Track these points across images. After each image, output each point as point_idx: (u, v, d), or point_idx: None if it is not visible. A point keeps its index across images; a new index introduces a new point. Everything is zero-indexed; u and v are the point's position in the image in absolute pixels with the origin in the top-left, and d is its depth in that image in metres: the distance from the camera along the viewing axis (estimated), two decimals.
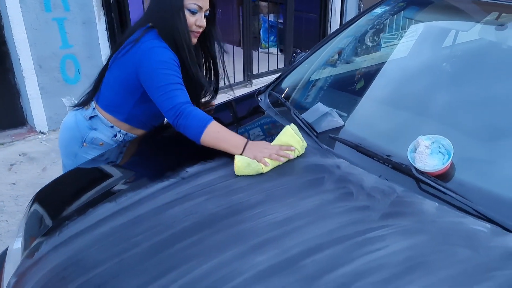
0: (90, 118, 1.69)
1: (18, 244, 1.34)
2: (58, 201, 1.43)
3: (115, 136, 1.71)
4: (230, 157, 1.40)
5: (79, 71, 3.75)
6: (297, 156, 1.41)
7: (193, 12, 1.58)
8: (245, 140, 1.44)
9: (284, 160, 1.39)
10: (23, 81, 3.48)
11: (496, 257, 1.00)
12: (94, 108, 1.70)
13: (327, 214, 1.15)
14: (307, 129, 1.53)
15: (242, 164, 1.35)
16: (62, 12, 3.52)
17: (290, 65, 2.12)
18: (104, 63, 1.73)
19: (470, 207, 1.13)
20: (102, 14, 3.75)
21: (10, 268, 1.30)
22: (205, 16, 1.62)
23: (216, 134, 1.44)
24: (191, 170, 1.39)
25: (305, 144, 1.44)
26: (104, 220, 1.22)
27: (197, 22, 1.59)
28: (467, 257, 1.00)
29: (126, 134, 1.73)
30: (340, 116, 1.58)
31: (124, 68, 1.59)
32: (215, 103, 1.92)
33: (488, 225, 1.08)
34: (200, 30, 1.63)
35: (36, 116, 3.65)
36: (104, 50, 3.82)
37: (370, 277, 0.96)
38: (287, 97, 1.83)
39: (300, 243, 1.06)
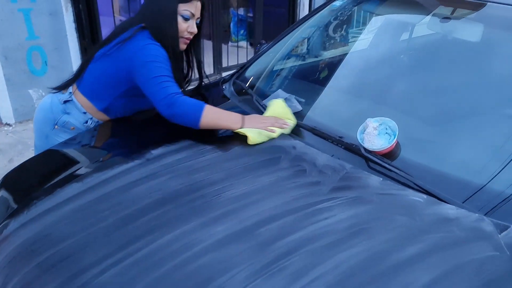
0: (65, 102, 1.73)
1: None
2: (26, 184, 1.48)
3: (86, 122, 1.75)
4: (193, 139, 1.49)
5: (46, 63, 3.73)
6: (243, 143, 1.49)
7: (186, 19, 1.63)
8: (241, 115, 1.53)
9: (286, 127, 1.51)
10: None
11: (429, 223, 1.12)
12: (70, 93, 1.74)
13: (281, 189, 1.25)
14: None
15: (253, 133, 1.45)
16: (28, 3, 3.49)
17: (254, 55, 2.21)
18: (75, 54, 1.78)
19: (410, 181, 1.25)
20: (70, 5, 3.74)
21: None
22: (196, 23, 1.68)
23: (213, 115, 1.52)
24: (155, 152, 1.46)
25: (294, 121, 1.56)
26: (72, 199, 1.28)
27: (189, 28, 1.65)
28: (404, 223, 1.11)
29: (97, 122, 1.78)
30: (299, 102, 1.68)
31: (114, 63, 1.63)
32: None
33: (425, 196, 1.20)
34: (191, 36, 1.69)
35: (2, 108, 3.62)
36: (72, 42, 3.81)
37: (317, 242, 1.06)
38: (251, 86, 1.92)
39: (255, 215, 1.15)
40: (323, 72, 2.08)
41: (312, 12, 2.17)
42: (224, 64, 5.19)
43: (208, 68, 4.98)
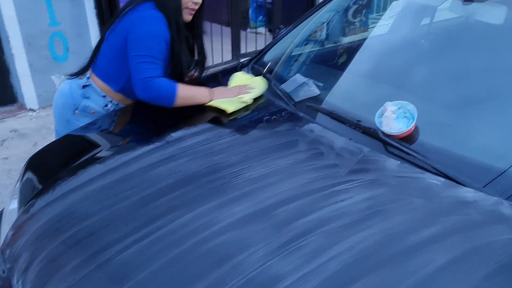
0: (84, 87, 1.77)
1: (13, 205, 1.44)
2: (50, 165, 1.53)
3: (106, 105, 1.80)
4: (211, 123, 1.51)
5: (67, 49, 3.79)
6: (268, 123, 1.55)
7: None
8: (208, 89, 1.64)
9: (252, 91, 1.63)
10: (12, 59, 3.53)
11: (446, 205, 1.12)
12: (88, 78, 1.77)
13: (299, 171, 1.26)
14: (285, 98, 1.63)
15: (226, 103, 1.56)
16: None
17: (272, 40, 2.21)
18: (95, 40, 1.83)
19: (428, 164, 1.25)
20: None
21: (6, 226, 1.40)
22: None
23: (186, 95, 1.61)
24: (174, 135, 1.49)
25: (257, 77, 1.70)
26: (95, 179, 1.32)
27: None
28: (421, 205, 1.12)
29: (117, 104, 1.81)
30: (317, 86, 1.68)
31: (118, 35, 1.66)
32: (202, 75, 2.01)
33: (442, 179, 1.19)
34: (196, 7, 1.69)
35: (26, 94, 3.70)
36: (93, 28, 3.86)
37: (334, 223, 1.07)
38: (270, 70, 1.92)
39: (273, 196, 1.17)
40: (342, 57, 2.06)
41: None
42: (243, 51, 5.18)
43: (227, 55, 4.99)
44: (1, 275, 1.16)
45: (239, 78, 1.73)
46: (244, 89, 1.66)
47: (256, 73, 1.81)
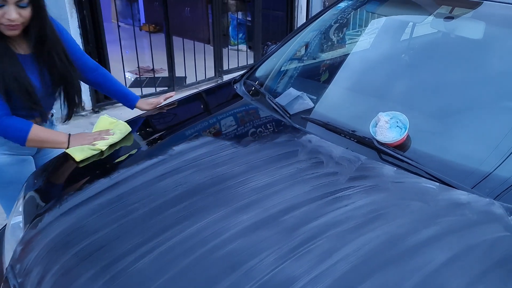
0: None
1: (17, 219, 1.44)
2: (54, 180, 1.54)
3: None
4: (213, 137, 1.55)
5: None
6: (267, 135, 1.58)
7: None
8: (67, 135, 1.62)
9: (108, 138, 1.63)
10: None
11: (443, 207, 1.19)
12: None
13: (302, 179, 1.32)
14: (281, 112, 1.69)
15: (76, 150, 1.57)
16: None
17: (262, 57, 2.28)
18: None
19: (422, 170, 1.32)
20: (74, 11, 3.80)
21: (10, 241, 1.40)
22: (21, 7, 1.44)
23: (38, 138, 1.58)
24: (177, 148, 1.53)
25: (123, 122, 1.71)
26: (101, 193, 1.35)
27: (5, 15, 1.43)
28: (419, 208, 1.19)
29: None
30: (311, 99, 1.76)
31: None
32: (200, 89, 2.05)
33: (437, 183, 1.27)
34: (13, 23, 1.45)
35: None
36: None
37: (339, 227, 1.13)
38: (261, 85, 1.99)
39: (278, 204, 1.22)
40: (328, 72, 2.15)
41: (319, 13, 2.25)
42: (225, 67, 5.26)
43: (209, 71, 5.06)
44: None
45: (103, 122, 1.75)
46: (103, 134, 1.65)
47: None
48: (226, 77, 5.13)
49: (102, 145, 1.61)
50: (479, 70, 1.70)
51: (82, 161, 1.56)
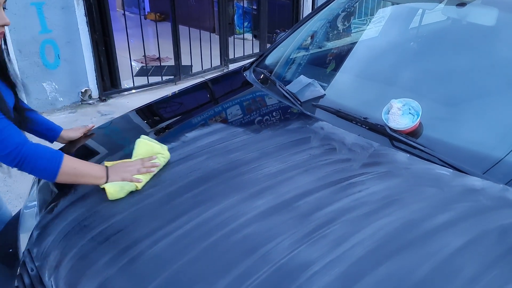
0: None
1: (31, 205, 1.46)
2: None
3: None
4: (225, 123, 1.56)
5: (58, 56, 3.79)
6: (279, 122, 1.56)
7: None
8: (104, 167, 1.32)
9: (154, 170, 1.34)
10: None
11: (457, 193, 1.20)
12: None
13: (315, 165, 1.32)
14: (292, 99, 1.70)
15: (115, 190, 1.28)
16: None
17: (272, 44, 2.28)
18: (87, 47, 1.35)
19: (435, 157, 1.32)
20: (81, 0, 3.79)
21: (24, 226, 1.42)
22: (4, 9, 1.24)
23: (73, 171, 1.27)
24: (189, 135, 1.54)
25: (164, 146, 1.43)
26: None
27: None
28: (434, 193, 1.19)
29: None
30: (322, 87, 1.75)
31: None
32: (206, 77, 2.06)
33: (450, 170, 1.27)
34: (3, 29, 1.25)
35: None
36: (84, 35, 3.87)
37: (354, 212, 1.14)
38: (270, 72, 1.99)
39: (293, 189, 1.23)
40: (342, 59, 2.14)
41: (328, 1, 2.23)
42: (231, 56, 5.25)
43: (215, 60, 5.05)
44: (30, 274, 1.18)
45: (143, 148, 1.42)
46: (147, 165, 1.35)
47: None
48: (232, 66, 5.12)
49: (145, 181, 1.32)
50: (491, 57, 1.69)
51: (95, 146, 1.56)
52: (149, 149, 1.41)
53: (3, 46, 1.29)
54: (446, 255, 1.02)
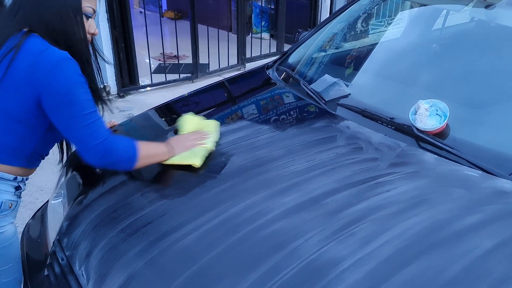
0: None
1: (58, 197, 1.48)
2: None
3: (18, 188, 1.31)
4: (252, 121, 1.57)
5: None
6: (303, 120, 1.58)
7: (88, 17, 1.27)
8: (167, 143, 1.37)
9: (211, 136, 1.43)
10: None
11: (486, 195, 1.19)
12: None
13: (342, 164, 1.32)
14: (316, 98, 1.70)
15: (190, 157, 1.35)
16: None
17: (294, 43, 2.28)
18: (107, 44, 1.33)
19: (463, 158, 1.32)
20: None
21: (52, 218, 1.45)
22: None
23: (147, 154, 1.30)
24: None
25: (209, 121, 1.53)
26: (144, 172, 1.37)
27: (90, 29, 1.29)
28: (462, 195, 1.19)
29: (26, 179, 1.36)
30: (347, 86, 1.75)
31: (14, 95, 1.18)
32: (223, 76, 2.07)
33: (479, 171, 1.27)
34: (91, 39, 1.34)
35: None
36: (104, 31, 3.90)
37: (382, 211, 1.14)
38: (297, 71, 2.00)
39: (320, 187, 1.23)
40: (366, 59, 2.14)
41: (352, 1, 2.23)
42: (248, 55, 5.26)
43: (232, 59, 5.07)
44: (60, 263, 1.21)
45: (190, 122, 1.49)
46: (203, 134, 1.43)
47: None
48: (249, 65, 5.13)
49: (211, 144, 1.40)
50: None
51: None
52: (196, 124, 1.50)
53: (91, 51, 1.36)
54: (475, 256, 1.02)
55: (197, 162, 1.34)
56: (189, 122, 1.50)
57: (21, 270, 1.36)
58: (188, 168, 1.35)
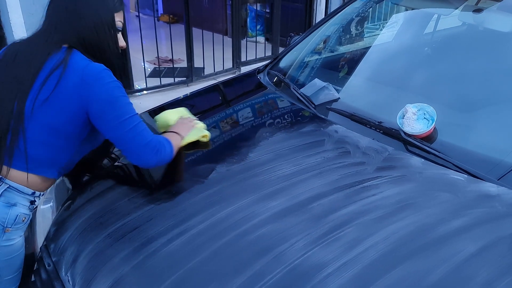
0: (2, 193, 1.25)
1: (47, 203, 1.48)
2: (83, 167, 1.57)
3: (33, 202, 1.32)
4: (240, 125, 1.57)
5: None
6: (293, 124, 1.60)
7: (119, 31, 1.34)
8: (173, 131, 1.45)
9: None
10: None
11: (472, 199, 1.19)
12: (2, 178, 1.25)
13: (329, 168, 1.33)
14: (306, 102, 1.70)
15: (196, 135, 1.48)
16: None
17: (286, 47, 2.29)
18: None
19: (450, 162, 1.32)
20: None
21: (41, 223, 1.45)
22: None
23: (175, 146, 1.39)
24: None
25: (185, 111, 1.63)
26: (131, 178, 1.37)
27: (120, 42, 1.35)
28: (448, 199, 1.19)
29: (42, 194, 1.36)
30: (336, 90, 1.76)
31: (61, 108, 1.22)
32: (218, 80, 2.08)
33: (465, 175, 1.27)
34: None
35: None
36: None
37: (367, 215, 1.14)
38: (284, 75, 2.00)
39: (306, 191, 1.24)
40: (356, 63, 2.15)
41: (343, 5, 2.24)
42: (243, 59, 5.27)
43: (227, 63, 5.08)
44: (47, 268, 1.21)
45: (170, 116, 1.58)
46: (189, 119, 1.56)
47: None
48: (244, 69, 5.14)
49: (200, 122, 1.54)
50: (506, 63, 1.68)
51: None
52: (175, 116, 1.57)
53: None
54: (459, 260, 1.02)
55: (207, 133, 1.49)
56: (168, 116, 1.58)
57: (20, 279, 1.38)
58: (175, 172, 1.35)
